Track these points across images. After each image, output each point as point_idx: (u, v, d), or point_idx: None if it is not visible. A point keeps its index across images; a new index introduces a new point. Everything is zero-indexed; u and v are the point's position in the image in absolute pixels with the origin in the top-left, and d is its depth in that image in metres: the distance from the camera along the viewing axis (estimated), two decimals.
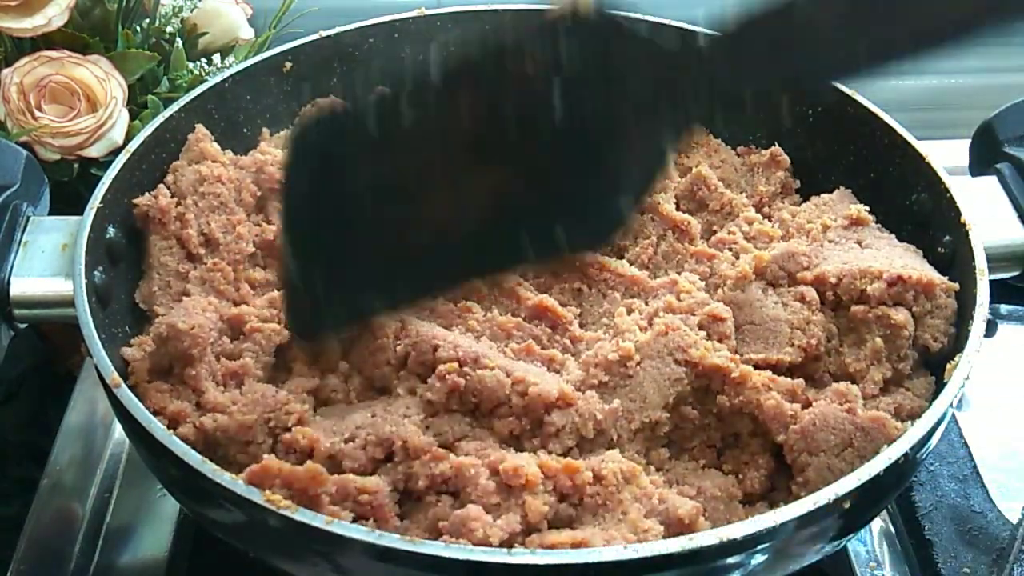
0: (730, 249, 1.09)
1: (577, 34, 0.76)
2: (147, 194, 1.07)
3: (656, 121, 0.78)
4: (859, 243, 1.06)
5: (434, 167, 0.82)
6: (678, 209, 1.16)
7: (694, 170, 1.18)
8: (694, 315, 0.99)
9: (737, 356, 0.97)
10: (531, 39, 0.78)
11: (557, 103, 0.77)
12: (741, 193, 1.18)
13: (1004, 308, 1.30)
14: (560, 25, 0.76)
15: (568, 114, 0.77)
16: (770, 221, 1.14)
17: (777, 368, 0.97)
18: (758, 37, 0.75)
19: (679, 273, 1.08)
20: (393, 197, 0.83)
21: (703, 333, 0.98)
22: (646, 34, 0.77)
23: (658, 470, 0.93)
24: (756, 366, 0.96)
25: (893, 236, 1.08)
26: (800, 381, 0.96)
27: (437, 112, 0.81)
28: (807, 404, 0.94)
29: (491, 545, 0.80)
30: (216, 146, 1.13)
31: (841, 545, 1.02)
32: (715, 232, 1.14)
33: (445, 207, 0.82)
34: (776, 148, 1.21)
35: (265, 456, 0.85)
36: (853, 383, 0.97)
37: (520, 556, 0.75)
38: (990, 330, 1.28)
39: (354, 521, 0.81)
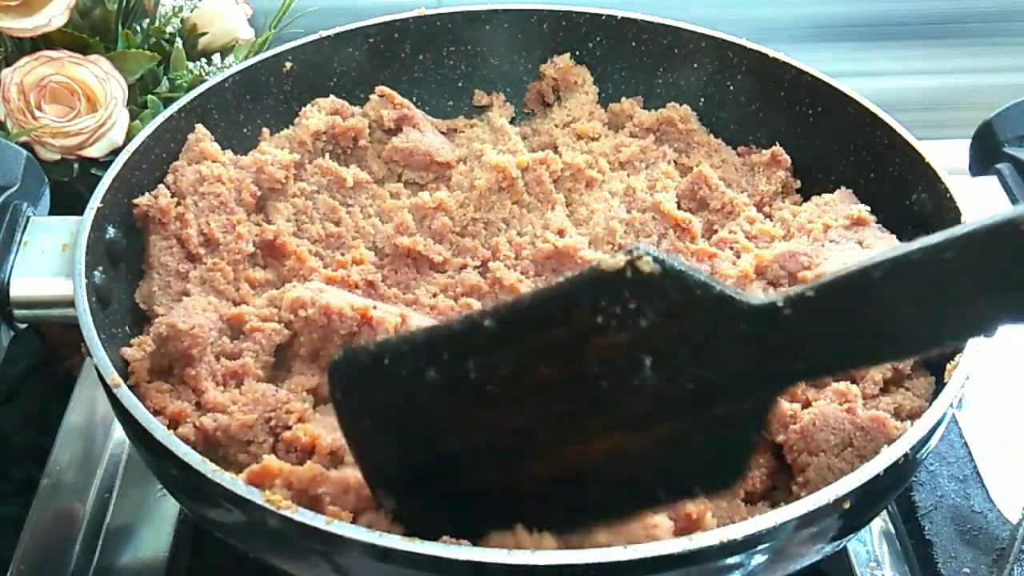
0: (731, 248, 1.09)
1: (645, 292, 0.73)
2: (147, 194, 1.07)
3: (755, 376, 0.75)
4: (860, 243, 1.06)
5: (530, 414, 0.79)
6: (679, 208, 1.16)
7: (695, 169, 1.18)
8: None
9: None
10: (598, 296, 0.74)
11: (644, 366, 0.74)
12: (742, 192, 1.18)
13: None
14: (620, 278, 0.73)
15: (656, 368, 0.74)
16: (771, 220, 1.14)
17: None
18: (836, 305, 0.72)
19: None
20: (496, 443, 0.80)
21: None
22: (720, 293, 0.73)
23: None
24: None
25: (894, 236, 1.08)
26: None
27: (510, 363, 0.77)
28: (807, 404, 0.94)
29: None
30: (216, 146, 1.13)
31: (841, 545, 1.02)
32: (716, 231, 1.14)
33: (560, 452, 0.79)
34: (777, 148, 1.21)
35: (265, 456, 0.85)
36: (853, 383, 0.96)
37: (520, 556, 0.75)
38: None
39: (354, 521, 0.81)
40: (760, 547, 0.78)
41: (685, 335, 0.73)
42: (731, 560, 0.78)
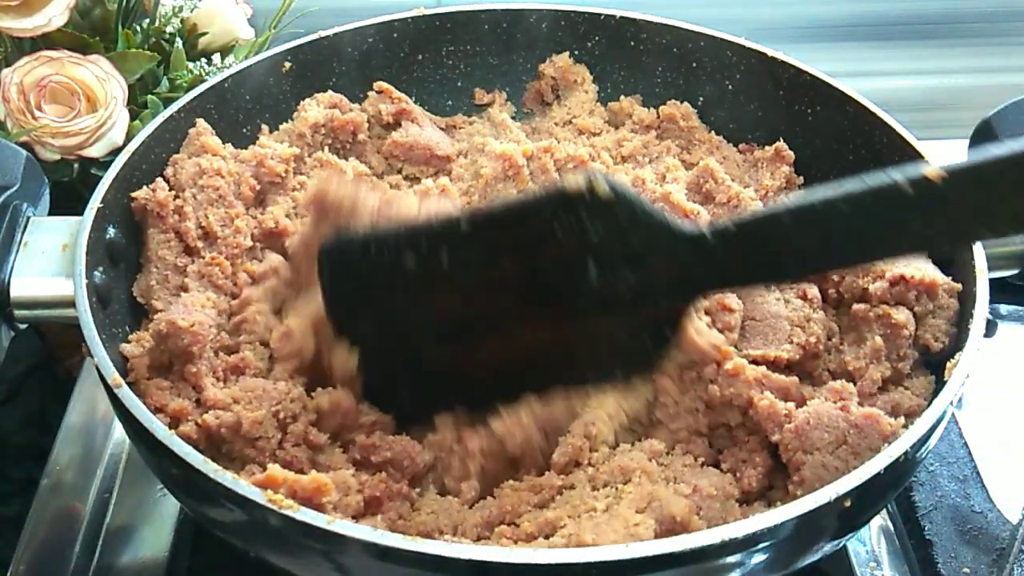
0: None
1: (598, 211, 0.88)
2: (145, 187, 1.07)
3: (679, 288, 0.92)
4: None
5: (489, 303, 0.94)
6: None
7: (701, 163, 1.18)
8: (705, 299, 0.99)
9: (733, 349, 0.97)
10: (558, 209, 0.89)
11: (590, 270, 0.90)
12: (747, 188, 1.18)
13: (1004, 308, 1.30)
14: (580, 199, 0.88)
15: (600, 272, 0.90)
16: None
17: (776, 365, 0.98)
18: (751, 237, 0.88)
19: None
20: (455, 326, 0.95)
21: (708, 319, 0.98)
22: (659, 218, 0.89)
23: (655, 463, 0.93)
24: (755, 362, 0.97)
25: None
26: (794, 379, 0.96)
27: (477, 258, 0.92)
28: (801, 403, 0.94)
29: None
30: (216, 140, 1.13)
31: (840, 545, 1.02)
32: None
33: (510, 336, 0.95)
34: (780, 143, 1.21)
35: (270, 465, 0.85)
36: (850, 381, 0.97)
37: (522, 555, 0.75)
38: (990, 330, 1.28)
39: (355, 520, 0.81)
40: (761, 546, 0.78)
41: (627, 249, 0.89)
42: (732, 559, 0.78)
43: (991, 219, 0.83)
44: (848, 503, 0.80)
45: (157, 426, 0.84)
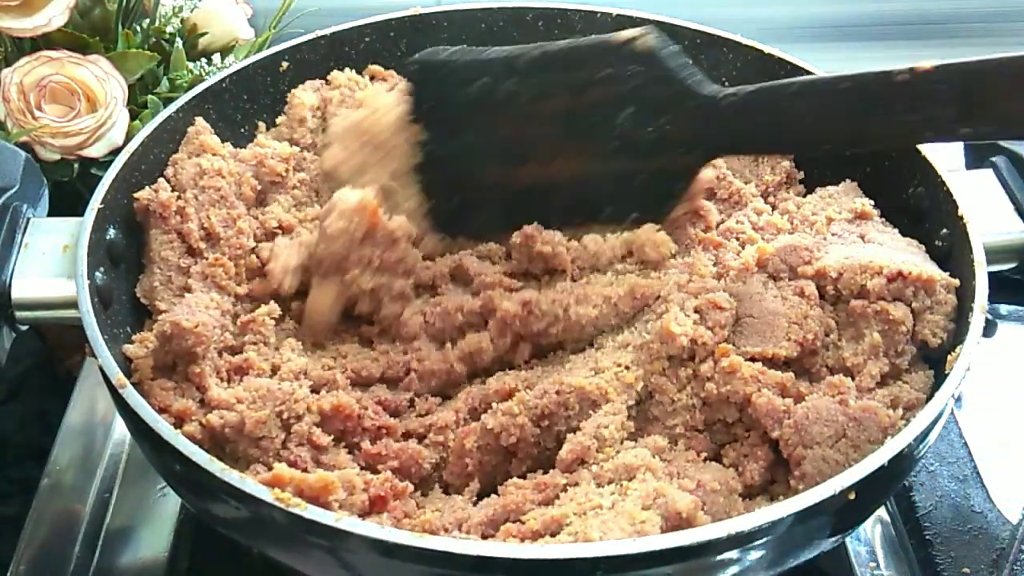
0: (737, 239, 1.09)
1: (636, 61, 1.01)
2: (147, 188, 1.07)
3: (691, 145, 1.04)
4: (862, 237, 1.06)
5: (534, 132, 1.07)
6: None
7: None
8: (696, 298, 1.00)
9: (731, 347, 0.97)
10: (604, 55, 1.02)
11: (620, 115, 1.03)
12: (748, 183, 1.18)
13: (1004, 308, 1.31)
14: (622, 49, 1.01)
15: (629, 119, 1.03)
16: (776, 212, 1.14)
17: (773, 362, 0.98)
18: (757, 102, 1.00)
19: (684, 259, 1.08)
20: (504, 149, 1.09)
21: (696, 316, 0.98)
22: (682, 77, 1.01)
23: (658, 459, 0.93)
24: (753, 359, 0.97)
25: (896, 231, 1.08)
26: (790, 375, 0.96)
27: (531, 91, 1.05)
28: (799, 398, 0.95)
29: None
30: (216, 139, 1.13)
31: (840, 541, 1.02)
32: (723, 221, 1.13)
33: (545, 163, 1.08)
34: None
35: (276, 465, 0.85)
36: (847, 376, 0.97)
37: (528, 550, 0.75)
38: (990, 330, 1.29)
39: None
40: (765, 539, 0.79)
41: (657, 99, 1.02)
42: (737, 553, 0.78)
43: (975, 116, 0.93)
44: (852, 496, 0.80)
45: (162, 426, 0.84)
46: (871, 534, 1.11)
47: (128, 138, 1.21)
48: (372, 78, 1.27)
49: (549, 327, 1.01)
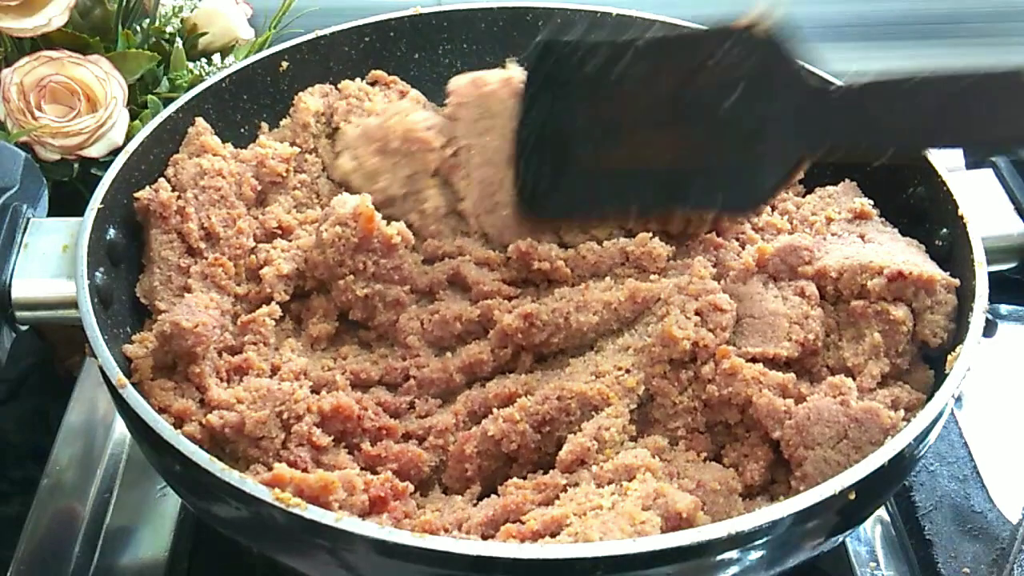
0: (738, 239, 1.09)
1: (751, 45, 0.99)
2: (147, 188, 1.07)
3: (795, 136, 1.00)
4: (862, 237, 1.06)
5: (637, 114, 1.05)
6: None
7: None
8: (696, 300, 1.00)
9: (732, 348, 0.97)
10: (718, 39, 1.00)
11: (728, 98, 1.00)
12: None
13: (1004, 308, 1.31)
14: (741, 34, 0.99)
15: (736, 104, 1.00)
16: (775, 212, 1.14)
17: (775, 362, 0.98)
18: (873, 94, 0.98)
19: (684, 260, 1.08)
20: (605, 130, 1.07)
21: (697, 318, 0.98)
22: (797, 66, 1.00)
23: (658, 459, 0.93)
24: (754, 360, 0.97)
25: (896, 231, 1.08)
26: (791, 375, 0.96)
27: (644, 73, 1.03)
28: (800, 399, 0.95)
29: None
30: (216, 139, 1.13)
31: (839, 541, 1.02)
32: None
33: (641, 146, 1.06)
34: None
35: (277, 465, 0.85)
36: (851, 378, 0.97)
37: (529, 550, 0.75)
38: (990, 330, 1.28)
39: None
40: (765, 539, 0.79)
41: (767, 87, 1.00)
42: (737, 553, 0.78)
43: None
44: (853, 496, 0.80)
45: (163, 426, 0.84)
46: (871, 534, 1.11)
47: (128, 138, 1.20)
48: (374, 83, 1.27)
49: (551, 337, 1.01)
